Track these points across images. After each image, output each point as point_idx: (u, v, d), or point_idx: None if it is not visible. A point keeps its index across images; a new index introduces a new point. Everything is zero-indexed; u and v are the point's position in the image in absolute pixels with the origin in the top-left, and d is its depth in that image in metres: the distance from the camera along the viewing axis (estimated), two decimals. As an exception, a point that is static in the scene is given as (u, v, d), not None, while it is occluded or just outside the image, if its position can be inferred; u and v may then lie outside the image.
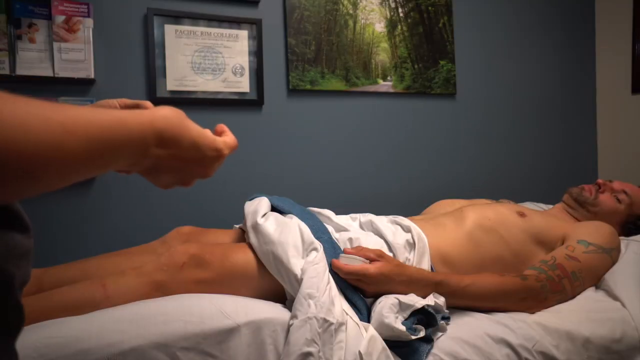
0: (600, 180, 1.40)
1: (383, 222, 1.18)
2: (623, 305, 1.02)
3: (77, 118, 0.37)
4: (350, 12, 1.86)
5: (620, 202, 1.35)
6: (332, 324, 0.81)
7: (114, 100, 0.66)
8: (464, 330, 0.91)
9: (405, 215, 1.26)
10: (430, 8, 1.99)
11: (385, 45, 1.92)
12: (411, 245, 1.09)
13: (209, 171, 0.53)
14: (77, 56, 1.43)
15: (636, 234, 1.35)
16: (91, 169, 0.39)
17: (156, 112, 0.46)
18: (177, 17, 1.59)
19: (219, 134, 0.57)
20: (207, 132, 0.52)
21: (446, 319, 0.92)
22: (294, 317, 0.82)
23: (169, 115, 0.47)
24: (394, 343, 0.85)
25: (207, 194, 1.64)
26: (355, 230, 1.15)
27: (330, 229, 1.11)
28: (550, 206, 1.59)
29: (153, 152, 0.45)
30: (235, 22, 1.66)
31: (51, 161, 0.34)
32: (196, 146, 0.50)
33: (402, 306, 0.88)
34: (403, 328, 0.83)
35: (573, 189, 1.42)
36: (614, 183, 1.40)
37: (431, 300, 0.91)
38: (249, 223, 1.05)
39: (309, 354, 0.77)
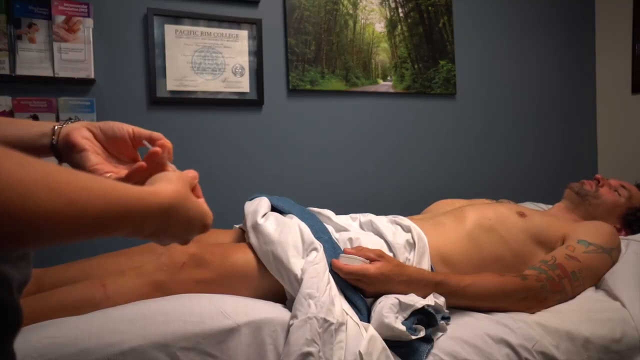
0: (598, 176, 1.44)
1: (383, 222, 1.18)
2: (623, 305, 1.02)
3: (83, 191, 0.36)
4: (350, 12, 1.86)
5: (620, 195, 1.39)
6: (332, 324, 0.81)
7: (128, 125, 0.63)
8: (464, 330, 0.91)
9: (405, 215, 1.26)
10: (430, 8, 1.99)
11: (385, 45, 1.92)
12: (411, 245, 1.09)
13: (188, 241, 0.54)
14: (77, 56, 1.43)
15: (638, 227, 1.37)
16: (86, 237, 0.39)
17: (163, 194, 0.46)
18: (177, 17, 1.59)
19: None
20: (203, 206, 0.54)
21: (446, 319, 0.92)
22: (294, 317, 0.82)
23: (174, 197, 0.47)
24: (394, 343, 0.85)
25: (207, 194, 1.62)
26: (355, 230, 1.15)
27: (330, 229, 1.11)
28: (550, 206, 1.60)
29: (149, 231, 0.45)
30: (235, 22, 1.66)
31: (47, 229, 0.34)
32: (189, 224, 0.51)
33: (402, 306, 0.88)
34: (403, 328, 0.83)
35: (574, 184, 1.45)
36: (611, 180, 1.44)
37: (431, 300, 0.91)
38: (249, 223, 1.05)
39: (309, 354, 0.77)
